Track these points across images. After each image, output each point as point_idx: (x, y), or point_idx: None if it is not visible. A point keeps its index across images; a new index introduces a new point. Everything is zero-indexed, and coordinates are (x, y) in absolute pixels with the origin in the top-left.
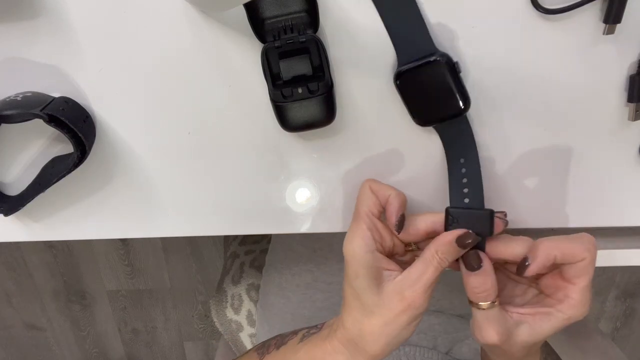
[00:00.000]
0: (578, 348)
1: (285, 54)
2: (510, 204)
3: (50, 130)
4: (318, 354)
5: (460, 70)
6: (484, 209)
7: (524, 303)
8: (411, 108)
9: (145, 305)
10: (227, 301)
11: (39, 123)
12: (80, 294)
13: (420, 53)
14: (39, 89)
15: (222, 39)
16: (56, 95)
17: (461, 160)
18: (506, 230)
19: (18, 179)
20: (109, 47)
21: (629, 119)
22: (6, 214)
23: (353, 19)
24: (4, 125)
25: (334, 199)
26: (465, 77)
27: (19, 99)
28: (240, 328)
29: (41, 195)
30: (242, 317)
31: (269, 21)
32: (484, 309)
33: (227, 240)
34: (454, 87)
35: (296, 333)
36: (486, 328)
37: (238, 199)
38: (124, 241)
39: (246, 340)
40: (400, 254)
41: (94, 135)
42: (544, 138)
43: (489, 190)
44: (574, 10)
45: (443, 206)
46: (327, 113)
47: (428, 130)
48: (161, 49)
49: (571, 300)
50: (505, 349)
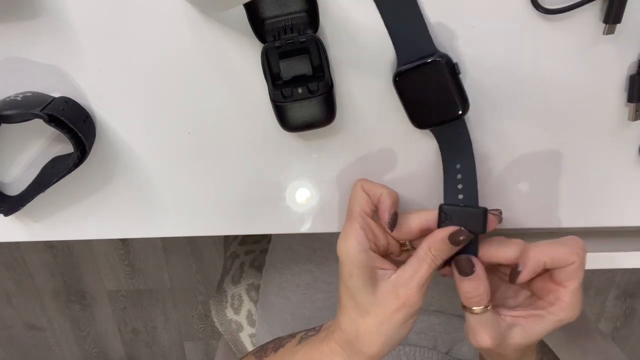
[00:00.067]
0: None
1: (285, 54)
2: (509, 204)
3: (50, 130)
4: (316, 356)
5: (459, 71)
6: (478, 207)
7: (517, 305)
8: (409, 109)
9: (145, 305)
10: (227, 301)
11: (39, 123)
12: (80, 294)
13: (420, 53)
14: (39, 89)
15: (222, 39)
16: (56, 95)
17: (457, 166)
18: (506, 231)
19: (18, 179)
20: (109, 47)
21: (629, 119)
22: (6, 214)
23: (353, 19)
24: (4, 125)
25: (334, 199)
26: (465, 79)
27: (19, 99)
28: (240, 328)
29: (41, 195)
30: (242, 317)
31: (269, 21)
32: (477, 313)
33: (227, 240)
34: (453, 89)
35: (294, 336)
36: (480, 332)
37: (238, 199)
38: (124, 241)
39: (246, 340)
40: (395, 254)
41: (94, 135)
42: (544, 138)
43: (488, 190)
44: (574, 10)
45: (439, 204)
46: (327, 113)
47: (427, 131)
48: (161, 49)
49: (562, 303)
50: (499, 352)
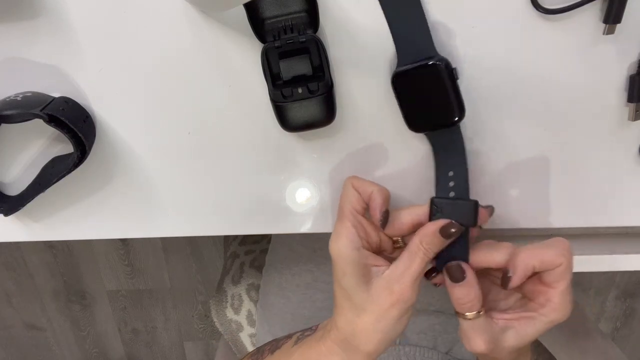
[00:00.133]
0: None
1: (285, 54)
2: (509, 204)
3: (50, 130)
4: (313, 356)
5: (458, 76)
6: (469, 199)
7: (509, 307)
8: (405, 111)
9: (145, 305)
10: (227, 301)
11: (39, 123)
12: (80, 294)
13: (421, 55)
14: (39, 89)
15: (222, 39)
16: (56, 95)
17: (450, 173)
18: (507, 231)
19: (18, 179)
20: (109, 47)
21: (629, 119)
22: (6, 214)
23: (353, 19)
24: (4, 125)
25: (334, 199)
26: (465, 79)
27: (19, 99)
28: (240, 328)
29: (41, 195)
30: (242, 317)
31: (269, 21)
32: (470, 319)
33: (227, 240)
34: (451, 94)
35: (290, 337)
36: (473, 338)
37: (238, 199)
38: (124, 241)
39: (246, 340)
40: (388, 251)
41: (94, 135)
42: (544, 138)
43: (488, 190)
44: (574, 10)
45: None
46: (327, 113)
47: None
48: (161, 49)
49: (552, 304)
50: (494, 356)
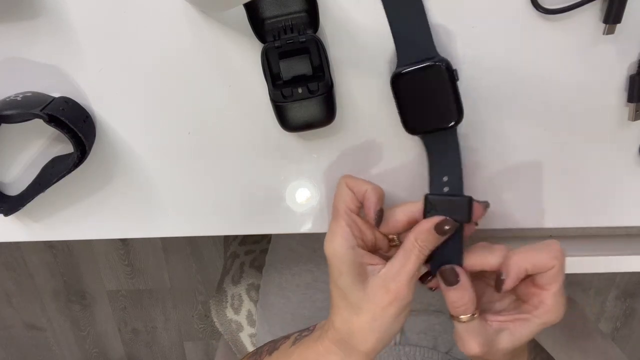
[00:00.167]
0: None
1: (285, 54)
2: (509, 204)
3: (50, 130)
4: (311, 356)
5: (458, 77)
6: (463, 195)
7: (503, 308)
8: (403, 112)
9: (145, 305)
10: (227, 301)
11: (39, 123)
12: (80, 294)
13: (421, 56)
14: (39, 89)
15: (222, 39)
16: (56, 95)
17: (444, 179)
18: (507, 232)
19: (18, 179)
20: (109, 47)
21: (629, 119)
22: (6, 214)
23: (353, 19)
24: (4, 125)
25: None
26: (465, 80)
27: (19, 99)
28: (240, 328)
29: (41, 195)
30: (242, 317)
31: (269, 21)
32: (464, 321)
33: (227, 240)
34: (450, 96)
35: (288, 337)
36: (468, 340)
37: (238, 199)
38: (124, 241)
39: (246, 340)
40: (384, 250)
41: (94, 135)
42: (544, 138)
43: (488, 190)
44: (574, 10)
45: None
46: (327, 113)
47: None
48: (161, 49)
49: (545, 306)
50: (488, 357)
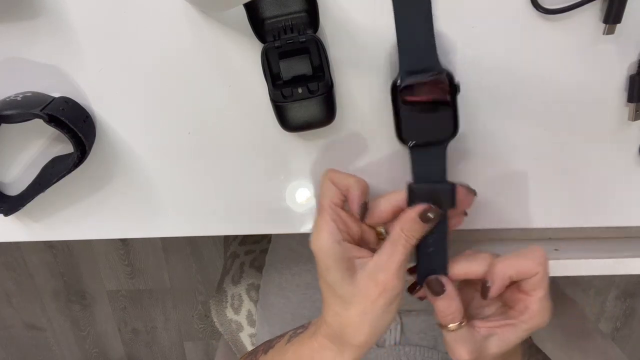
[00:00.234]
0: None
1: (285, 54)
2: (509, 204)
3: (50, 130)
4: (305, 353)
5: (459, 90)
6: (446, 182)
7: (491, 314)
8: (399, 123)
9: (145, 305)
10: (227, 301)
11: (39, 123)
12: (80, 294)
13: (423, 65)
14: (39, 89)
15: (222, 39)
16: (56, 95)
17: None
18: (507, 232)
19: (18, 179)
20: (109, 47)
21: (629, 119)
22: (6, 214)
23: (353, 19)
24: (4, 125)
25: None
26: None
27: (19, 99)
28: (240, 328)
29: (41, 195)
30: (242, 317)
31: (269, 21)
32: (452, 330)
33: (227, 240)
34: (449, 108)
35: (283, 336)
36: (457, 348)
37: (238, 199)
38: (124, 241)
39: (246, 340)
40: (372, 243)
41: (94, 135)
42: (544, 138)
43: (488, 190)
44: (574, 10)
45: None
46: (327, 113)
47: None
48: (161, 49)
49: (531, 311)
50: None
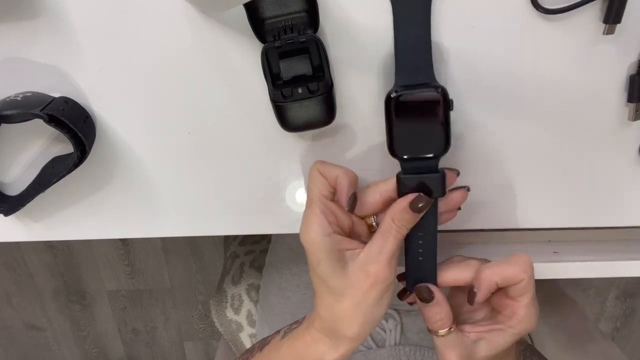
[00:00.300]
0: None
1: (285, 54)
2: (510, 204)
3: (50, 130)
4: (300, 347)
5: (452, 108)
6: (436, 170)
7: (481, 318)
8: (391, 135)
9: (145, 305)
10: (227, 301)
11: (39, 123)
12: (80, 294)
13: (419, 79)
14: (39, 89)
15: (222, 39)
16: (56, 95)
17: (419, 226)
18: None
19: (18, 179)
20: (109, 47)
21: (629, 119)
22: (6, 214)
23: (353, 19)
24: (4, 125)
25: None
26: (462, 85)
27: (19, 99)
28: (240, 328)
29: (41, 195)
30: (242, 318)
31: (269, 21)
32: (442, 335)
33: (227, 240)
34: (442, 124)
35: (278, 332)
36: (447, 353)
37: (238, 199)
38: (124, 241)
39: (246, 341)
40: (364, 234)
41: (94, 135)
42: (544, 138)
43: (488, 190)
44: (574, 10)
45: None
46: (327, 113)
47: None
48: (161, 49)
49: (518, 316)
50: None
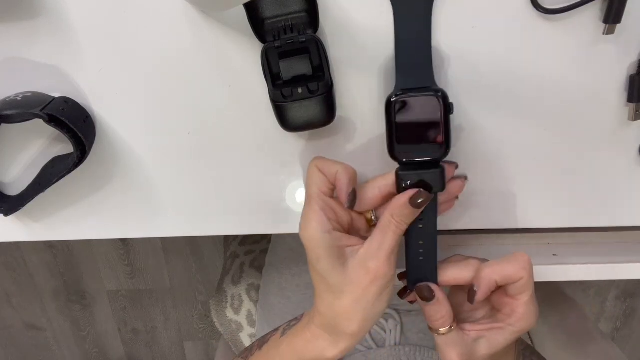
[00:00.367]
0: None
1: (285, 54)
2: (510, 204)
3: (50, 130)
4: (299, 344)
5: (452, 111)
6: (435, 166)
7: (482, 317)
8: (391, 138)
9: (145, 305)
10: (227, 301)
11: (39, 123)
12: (80, 294)
13: (419, 82)
14: (39, 89)
15: (222, 39)
16: (56, 95)
17: (419, 225)
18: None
19: (18, 179)
20: (109, 47)
21: (629, 119)
22: (6, 214)
23: (353, 19)
24: (4, 125)
25: None
26: (463, 86)
27: (19, 99)
28: (240, 328)
29: (41, 195)
30: (242, 318)
31: (269, 21)
32: (443, 334)
33: (227, 240)
34: (442, 128)
35: (277, 330)
36: (448, 351)
37: (238, 199)
38: (124, 241)
39: (246, 341)
40: (362, 229)
41: (94, 135)
42: (544, 138)
43: (488, 190)
44: (574, 10)
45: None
46: (327, 113)
47: None
48: (161, 49)
49: (517, 314)
50: None
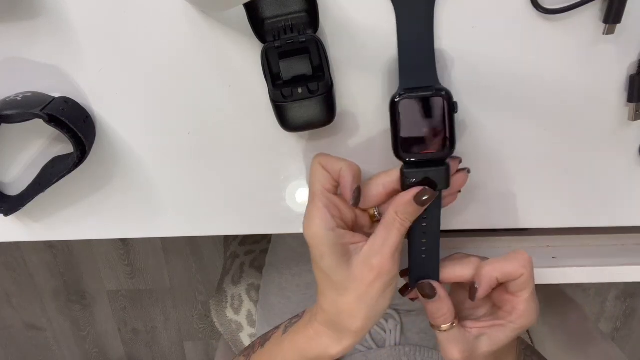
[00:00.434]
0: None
1: (285, 54)
2: (509, 204)
3: (50, 130)
4: (301, 341)
5: (456, 110)
6: (440, 163)
7: (483, 314)
8: (396, 138)
9: (145, 305)
10: (227, 301)
11: (39, 123)
12: (80, 294)
13: (423, 82)
14: (39, 89)
15: (222, 39)
16: (56, 95)
17: (423, 223)
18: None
19: (18, 179)
20: (109, 47)
21: (629, 119)
22: (6, 214)
23: (353, 19)
24: (4, 125)
25: None
26: (462, 86)
27: (19, 99)
28: (240, 328)
29: (41, 195)
30: (242, 318)
31: (269, 21)
32: (444, 330)
33: (227, 240)
34: (447, 127)
35: (279, 327)
36: (449, 348)
37: (238, 199)
38: (124, 241)
39: (246, 341)
40: (366, 227)
41: (94, 135)
42: (544, 138)
43: (488, 190)
44: (574, 10)
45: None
46: (327, 113)
47: None
48: (161, 49)
49: (518, 312)
50: None
